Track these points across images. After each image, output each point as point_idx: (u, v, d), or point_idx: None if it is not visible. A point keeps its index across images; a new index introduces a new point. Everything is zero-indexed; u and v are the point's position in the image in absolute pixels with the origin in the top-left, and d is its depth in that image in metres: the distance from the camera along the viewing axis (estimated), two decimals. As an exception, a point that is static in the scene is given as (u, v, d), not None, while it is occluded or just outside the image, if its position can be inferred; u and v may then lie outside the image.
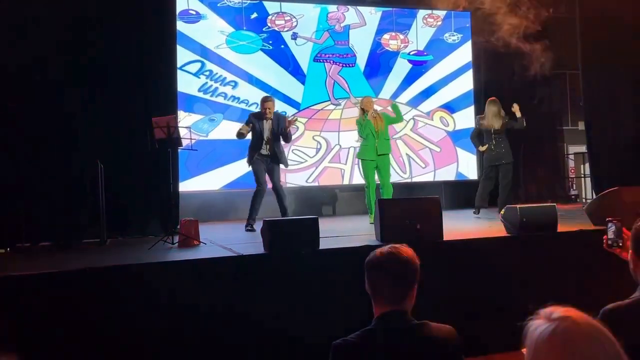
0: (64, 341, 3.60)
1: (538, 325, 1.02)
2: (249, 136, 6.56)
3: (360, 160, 6.96)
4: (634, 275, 2.13)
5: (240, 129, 6.57)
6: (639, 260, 2.08)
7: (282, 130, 6.51)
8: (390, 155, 6.94)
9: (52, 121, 5.98)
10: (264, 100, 6.56)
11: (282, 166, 6.67)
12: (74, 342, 3.62)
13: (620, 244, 2.42)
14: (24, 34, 5.88)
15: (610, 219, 2.45)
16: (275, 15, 8.64)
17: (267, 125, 6.46)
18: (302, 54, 8.74)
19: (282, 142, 6.69)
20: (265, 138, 6.44)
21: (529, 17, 9.06)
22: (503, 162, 7.30)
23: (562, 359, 0.97)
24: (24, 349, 3.51)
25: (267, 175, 6.51)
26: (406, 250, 1.98)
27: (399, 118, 7.08)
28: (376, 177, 6.83)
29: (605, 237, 2.45)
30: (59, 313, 3.64)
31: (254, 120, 6.48)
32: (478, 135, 7.54)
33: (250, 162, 6.51)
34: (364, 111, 6.78)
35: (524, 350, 1.03)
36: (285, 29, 8.68)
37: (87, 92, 6.21)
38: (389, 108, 7.05)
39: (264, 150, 6.45)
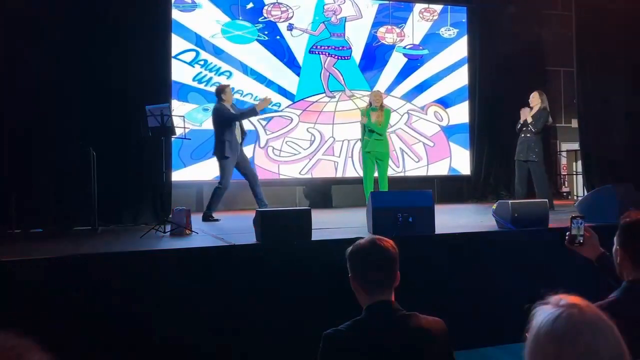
0: (53, 328, 3.59)
1: (544, 310, 1.01)
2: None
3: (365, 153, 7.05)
4: (618, 271, 2.13)
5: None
6: (626, 255, 2.08)
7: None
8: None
9: (45, 109, 5.93)
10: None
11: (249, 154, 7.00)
12: (63, 328, 3.61)
13: (582, 241, 2.44)
14: (15, 22, 5.83)
15: (574, 215, 2.49)
16: (271, 6, 8.59)
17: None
18: (298, 45, 8.71)
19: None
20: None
21: (526, 14, 9.10)
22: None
23: (563, 346, 0.95)
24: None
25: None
26: (385, 239, 2.04)
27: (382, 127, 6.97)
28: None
29: (568, 233, 2.46)
30: (48, 299, 3.62)
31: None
32: None
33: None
34: (371, 105, 6.96)
35: (527, 335, 1.02)
36: (281, 20, 8.64)
37: (80, 80, 6.16)
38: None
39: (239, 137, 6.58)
